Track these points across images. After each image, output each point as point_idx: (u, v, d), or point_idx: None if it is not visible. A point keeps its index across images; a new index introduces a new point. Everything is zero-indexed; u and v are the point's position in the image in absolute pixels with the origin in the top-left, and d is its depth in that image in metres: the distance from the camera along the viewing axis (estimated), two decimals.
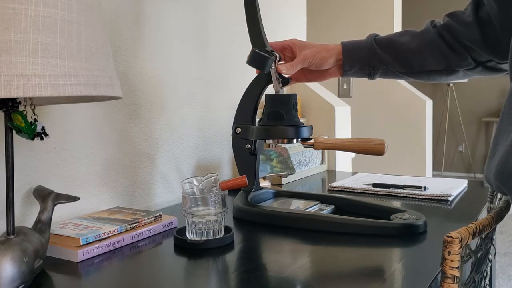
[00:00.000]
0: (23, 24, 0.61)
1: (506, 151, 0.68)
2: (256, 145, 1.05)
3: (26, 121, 0.72)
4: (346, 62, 1.03)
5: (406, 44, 1.00)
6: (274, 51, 1.03)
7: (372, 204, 1.08)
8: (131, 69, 1.10)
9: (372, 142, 1.02)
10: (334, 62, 1.03)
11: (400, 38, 1.01)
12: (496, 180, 0.70)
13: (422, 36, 0.99)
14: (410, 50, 0.99)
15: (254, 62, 1.03)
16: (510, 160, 0.67)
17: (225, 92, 1.41)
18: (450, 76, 1.01)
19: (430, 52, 0.98)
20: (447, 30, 0.97)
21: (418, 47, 0.99)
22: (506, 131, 0.70)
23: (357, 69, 1.03)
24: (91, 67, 0.68)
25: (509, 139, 0.69)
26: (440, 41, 0.97)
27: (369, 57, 1.02)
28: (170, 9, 1.21)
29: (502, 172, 0.68)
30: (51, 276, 0.75)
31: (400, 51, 1.00)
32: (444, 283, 0.61)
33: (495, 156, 0.71)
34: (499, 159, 0.69)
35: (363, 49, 1.02)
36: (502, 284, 2.84)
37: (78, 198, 0.82)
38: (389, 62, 1.01)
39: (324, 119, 1.68)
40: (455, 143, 5.73)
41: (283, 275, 0.72)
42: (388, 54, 1.00)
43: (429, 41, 0.98)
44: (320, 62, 1.02)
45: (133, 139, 1.12)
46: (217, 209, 0.87)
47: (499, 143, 0.71)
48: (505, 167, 0.68)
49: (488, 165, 0.73)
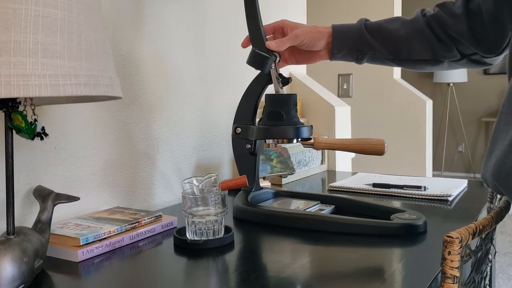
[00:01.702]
0: (23, 24, 0.61)
1: (504, 150, 0.68)
2: (256, 145, 1.05)
3: (26, 121, 0.72)
4: (335, 45, 1.03)
5: (395, 31, 1.00)
6: (274, 51, 1.03)
7: (372, 204, 1.08)
8: (131, 69, 1.10)
9: (372, 142, 1.02)
10: (325, 45, 1.03)
11: (390, 25, 1.02)
12: (494, 180, 0.70)
13: (411, 25, 1.00)
14: (399, 38, 1.00)
15: (254, 62, 1.03)
16: (508, 160, 0.67)
17: (225, 92, 1.41)
18: (435, 66, 1.02)
19: (417, 41, 0.99)
20: (436, 20, 0.97)
21: (406, 35, 1.00)
22: (504, 131, 0.70)
23: (346, 53, 1.04)
24: (91, 67, 0.68)
25: (507, 138, 0.69)
26: (428, 31, 0.98)
27: (358, 41, 1.02)
28: (170, 9, 1.21)
29: (499, 172, 0.68)
30: (51, 276, 0.75)
31: (388, 38, 1.01)
32: (444, 283, 0.61)
33: (493, 156, 0.71)
34: (496, 159, 0.69)
35: (352, 33, 1.03)
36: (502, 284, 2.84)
37: (78, 198, 0.82)
38: (377, 48, 1.02)
39: (324, 119, 1.68)
40: (455, 143, 5.73)
41: (283, 275, 0.72)
42: (377, 40, 1.01)
43: (417, 30, 0.99)
44: (311, 42, 1.02)
45: (133, 139, 1.12)
46: (217, 209, 0.87)
47: (497, 143, 0.71)
48: (503, 166, 0.68)
49: (486, 164, 0.73)
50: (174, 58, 1.23)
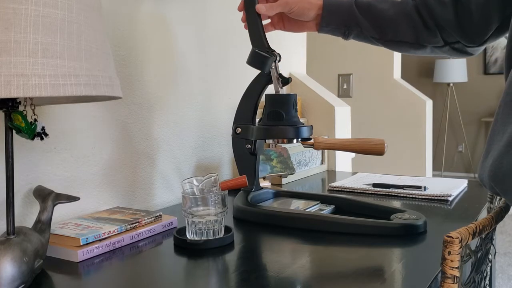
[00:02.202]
0: (23, 24, 0.61)
1: (500, 152, 0.68)
2: (256, 145, 1.05)
3: (26, 121, 0.72)
4: (324, 19, 1.04)
5: (384, 11, 1.02)
6: (274, 50, 1.03)
7: (372, 204, 1.08)
8: (131, 69, 1.10)
9: (372, 142, 1.02)
10: (314, 16, 1.04)
11: (380, 4, 1.03)
12: (490, 181, 0.70)
13: (400, 6, 1.02)
14: (386, 18, 1.02)
15: (254, 62, 1.03)
16: (504, 161, 0.67)
17: (225, 92, 1.41)
18: (418, 50, 1.04)
19: (404, 24, 1.01)
20: (424, 6, 0.99)
21: (394, 16, 1.01)
22: (500, 132, 0.71)
23: (334, 27, 1.05)
24: (91, 67, 0.68)
25: (503, 139, 0.69)
26: (415, 15, 1.00)
27: (347, 17, 1.03)
28: (170, 9, 1.21)
29: (496, 173, 0.68)
30: (51, 276, 0.75)
31: (377, 17, 1.02)
32: (444, 283, 0.61)
33: (489, 156, 0.71)
34: (493, 160, 0.69)
35: (343, 9, 1.04)
36: (502, 284, 2.84)
37: (78, 198, 0.82)
38: (364, 26, 1.03)
39: (324, 119, 1.68)
40: (455, 143, 5.73)
41: (283, 275, 0.72)
42: (365, 18, 1.02)
43: (405, 12, 1.01)
44: (300, 12, 1.03)
45: (133, 139, 1.12)
46: (217, 209, 0.87)
47: (493, 143, 0.71)
48: (499, 167, 0.68)
49: (482, 164, 0.73)
50: (174, 58, 1.23)
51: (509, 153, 0.67)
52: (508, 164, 0.66)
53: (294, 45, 1.77)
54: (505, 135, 0.69)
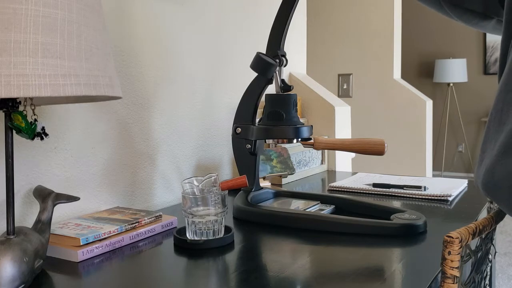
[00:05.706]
0: (23, 24, 0.61)
1: (492, 161, 0.68)
2: (256, 145, 1.05)
3: (26, 121, 0.72)
4: None
5: None
6: (283, 55, 1.01)
7: (372, 204, 1.08)
8: (131, 69, 1.11)
9: (372, 142, 1.02)
10: None
11: None
12: (483, 189, 0.70)
13: None
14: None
15: (258, 67, 1.01)
16: (496, 171, 0.67)
17: (225, 92, 1.41)
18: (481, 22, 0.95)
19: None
20: None
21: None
22: (492, 140, 0.70)
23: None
24: (91, 67, 0.68)
25: (495, 148, 0.68)
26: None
27: None
28: (171, 9, 1.21)
29: (488, 182, 0.68)
30: (51, 276, 0.75)
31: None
32: (444, 283, 0.61)
33: (483, 164, 0.71)
34: (486, 169, 0.69)
35: None
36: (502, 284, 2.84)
37: (78, 198, 0.82)
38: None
39: (324, 119, 1.68)
40: (455, 143, 5.73)
41: (283, 275, 0.72)
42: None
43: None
44: None
45: (133, 139, 1.12)
46: (217, 209, 0.87)
47: (486, 151, 0.71)
48: (492, 177, 0.67)
49: (477, 171, 0.73)
50: (174, 58, 1.23)
51: (500, 162, 0.66)
52: (500, 175, 0.66)
53: (294, 45, 1.77)
54: (497, 143, 0.69)
